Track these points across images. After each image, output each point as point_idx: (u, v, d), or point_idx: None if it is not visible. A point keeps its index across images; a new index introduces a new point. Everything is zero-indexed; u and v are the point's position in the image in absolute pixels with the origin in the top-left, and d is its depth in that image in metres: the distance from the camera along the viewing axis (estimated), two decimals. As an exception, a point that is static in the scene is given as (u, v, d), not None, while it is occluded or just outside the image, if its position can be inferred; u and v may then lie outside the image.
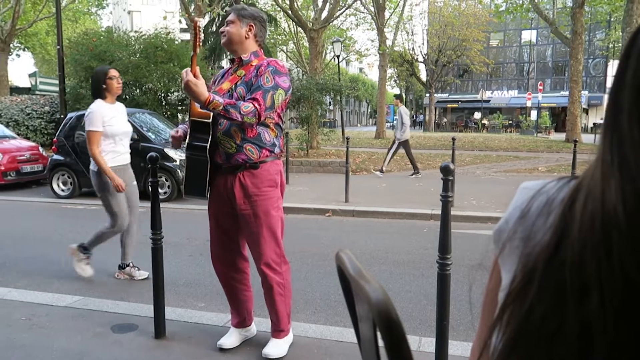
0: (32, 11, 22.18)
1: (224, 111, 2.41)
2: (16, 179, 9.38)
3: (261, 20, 2.72)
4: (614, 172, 0.51)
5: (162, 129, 8.96)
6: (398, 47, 35.87)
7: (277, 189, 2.68)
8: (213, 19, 21.55)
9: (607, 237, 0.49)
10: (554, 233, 0.55)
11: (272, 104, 2.52)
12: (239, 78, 2.64)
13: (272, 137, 2.64)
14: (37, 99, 14.79)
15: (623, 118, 0.53)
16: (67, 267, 4.56)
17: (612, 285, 0.48)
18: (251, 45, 2.68)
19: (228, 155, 2.59)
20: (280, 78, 2.57)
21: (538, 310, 0.52)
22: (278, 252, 2.69)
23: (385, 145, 19.56)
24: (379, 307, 0.54)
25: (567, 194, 0.58)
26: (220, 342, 2.84)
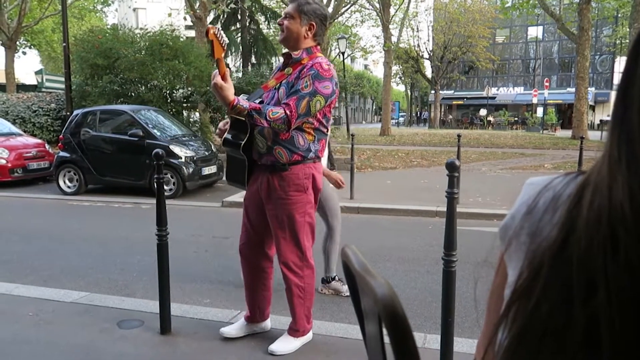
0: (38, 9, 22.28)
1: (248, 117, 2.37)
2: (23, 176, 9.42)
3: (323, 17, 2.54)
4: (622, 169, 0.51)
5: (167, 126, 8.99)
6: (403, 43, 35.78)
7: (305, 194, 2.58)
8: (218, 15, 21.53)
9: (614, 233, 0.49)
10: (561, 229, 0.55)
11: (307, 111, 2.41)
12: (285, 76, 2.53)
13: (307, 142, 2.52)
14: (44, 96, 14.85)
15: (632, 114, 0.52)
16: (73, 263, 4.59)
17: (618, 281, 0.48)
18: (308, 43, 2.53)
19: (259, 154, 2.55)
20: (321, 83, 2.42)
21: (544, 306, 0.52)
22: (300, 256, 2.64)
23: (390, 142, 19.54)
24: (384, 302, 0.54)
25: (573, 190, 0.57)
26: (222, 330, 2.87)
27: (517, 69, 48.21)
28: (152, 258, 3.77)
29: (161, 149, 3.12)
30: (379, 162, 12.13)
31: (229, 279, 4.14)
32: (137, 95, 12.12)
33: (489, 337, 0.64)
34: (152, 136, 8.11)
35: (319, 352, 2.78)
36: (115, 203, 7.70)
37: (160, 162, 2.92)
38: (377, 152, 14.48)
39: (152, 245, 3.24)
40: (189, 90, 12.54)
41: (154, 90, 12.18)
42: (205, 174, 8.40)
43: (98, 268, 4.45)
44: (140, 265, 4.52)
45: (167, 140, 8.23)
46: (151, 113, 9.09)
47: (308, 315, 2.78)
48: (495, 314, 0.69)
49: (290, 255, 2.63)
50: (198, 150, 8.50)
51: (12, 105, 13.82)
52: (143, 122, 8.31)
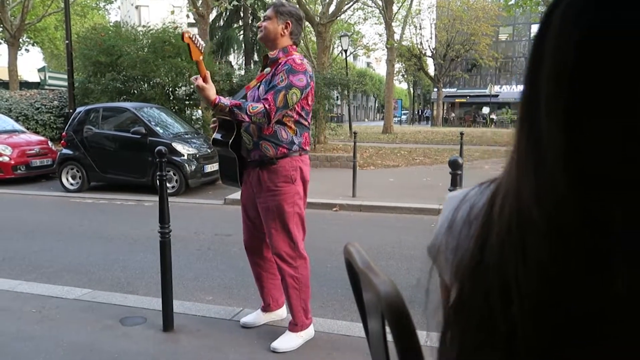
0: (41, 6, 22.30)
1: (230, 113, 2.52)
2: (26, 173, 9.45)
3: (298, 18, 2.74)
4: (529, 173, 0.50)
5: (170, 124, 8.99)
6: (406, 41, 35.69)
7: (293, 185, 2.70)
8: (220, 13, 21.52)
9: (523, 237, 0.49)
10: (477, 240, 0.54)
11: (284, 104, 2.55)
12: (265, 76, 2.70)
13: (290, 135, 2.67)
14: (46, 94, 14.89)
15: (540, 113, 0.49)
16: (76, 260, 4.60)
17: (528, 286, 0.47)
18: (285, 42, 2.71)
19: (247, 150, 2.71)
20: (296, 77, 2.57)
21: (473, 319, 0.52)
22: (292, 245, 2.73)
23: (393, 140, 19.52)
24: (388, 300, 0.54)
25: (487, 198, 0.57)
26: (242, 320, 3.02)
27: (520, 67, 48.04)
28: (154, 255, 3.78)
29: (163, 146, 3.12)
30: (382, 160, 12.12)
31: (231, 276, 4.15)
32: (139, 93, 12.12)
33: None
34: (154, 134, 8.11)
35: (320, 349, 2.78)
36: (117, 200, 7.71)
37: (162, 159, 2.92)
38: (380, 150, 14.47)
39: (154, 243, 3.25)
40: (191, 87, 12.53)
41: (157, 88, 12.19)
42: (207, 171, 8.40)
43: (101, 265, 4.46)
44: (143, 262, 4.53)
45: (170, 137, 8.24)
46: (154, 110, 9.10)
47: (305, 309, 2.82)
48: None
49: (282, 245, 2.72)
50: (200, 148, 8.50)
51: (15, 102, 13.85)
52: (145, 119, 8.32)
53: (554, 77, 0.48)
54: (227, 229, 5.66)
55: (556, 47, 0.48)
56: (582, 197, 0.46)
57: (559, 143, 0.47)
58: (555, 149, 0.48)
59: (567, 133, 0.47)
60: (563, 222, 0.47)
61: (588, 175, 0.46)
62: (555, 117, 0.48)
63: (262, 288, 3.01)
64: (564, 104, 0.47)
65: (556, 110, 0.48)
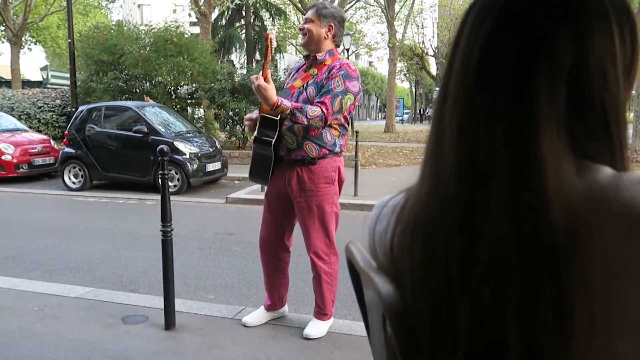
0: (44, 5, 22.32)
1: (291, 115, 2.53)
2: (28, 172, 9.47)
3: (341, 20, 2.72)
4: (424, 178, 0.53)
5: (172, 122, 9.00)
6: (408, 40, 35.61)
7: (333, 185, 2.78)
8: (223, 12, 21.53)
9: (413, 240, 0.52)
10: (389, 240, 0.58)
11: (339, 109, 2.59)
12: (311, 77, 2.69)
13: (333, 137, 2.71)
14: (49, 92, 14.91)
15: (445, 110, 0.51)
16: (78, 259, 4.61)
17: (414, 282, 0.51)
18: (328, 45, 2.71)
19: (289, 150, 2.71)
20: (351, 82, 2.61)
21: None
22: (328, 243, 2.81)
23: (394, 139, 19.49)
24: (389, 300, 0.54)
25: (401, 199, 0.60)
26: (244, 319, 3.00)
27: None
28: (156, 254, 3.78)
29: (166, 145, 3.13)
30: (383, 159, 12.11)
31: (233, 274, 4.15)
32: (141, 92, 12.13)
33: None
34: (156, 132, 8.12)
35: (322, 348, 2.78)
36: (119, 199, 7.73)
37: (164, 158, 2.93)
38: (382, 149, 14.46)
39: (156, 241, 3.26)
40: (193, 86, 12.55)
41: (159, 87, 12.21)
42: (209, 170, 8.41)
43: (103, 264, 4.47)
44: (145, 260, 4.54)
45: (172, 136, 8.25)
46: (156, 109, 9.11)
47: (334, 300, 2.96)
48: None
49: (319, 244, 2.79)
50: (202, 147, 8.51)
51: (17, 101, 13.88)
52: (148, 118, 8.32)
53: (459, 76, 0.50)
54: (229, 227, 5.67)
55: (465, 45, 0.51)
56: (464, 195, 0.48)
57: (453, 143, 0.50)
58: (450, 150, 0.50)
59: (461, 135, 0.49)
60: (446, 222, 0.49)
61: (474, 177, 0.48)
62: (456, 117, 0.50)
63: (272, 287, 3.01)
64: (464, 104, 0.49)
65: (462, 105, 0.50)
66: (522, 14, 0.48)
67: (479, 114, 0.48)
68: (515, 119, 0.46)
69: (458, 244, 0.47)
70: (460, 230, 0.47)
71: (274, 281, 3.00)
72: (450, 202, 0.48)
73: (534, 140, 0.45)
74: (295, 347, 2.79)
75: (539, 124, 0.45)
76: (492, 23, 0.49)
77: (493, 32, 0.49)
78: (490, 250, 0.45)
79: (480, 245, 0.46)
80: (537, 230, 0.44)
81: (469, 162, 0.48)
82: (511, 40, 0.48)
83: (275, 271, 2.97)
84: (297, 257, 2.97)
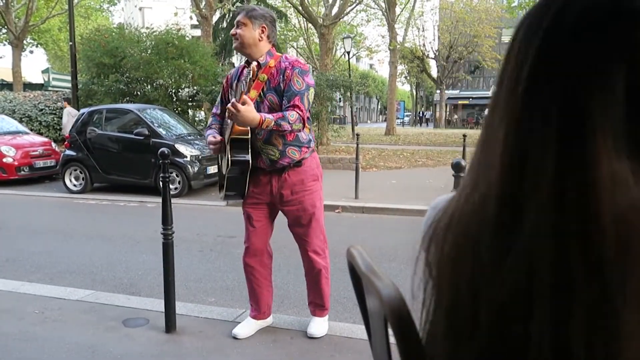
0: (45, 8, 22.38)
1: (276, 126, 2.52)
2: (29, 174, 9.48)
3: (272, 20, 2.72)
4: (468, 181, 0.52)
5: (173, 125, 9.01)
6: (409, 43, 35.65)
7: (319, 182, 2.85)
8: (224, 15, 21.56)
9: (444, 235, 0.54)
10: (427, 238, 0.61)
11: (308, 104, 2.65)
12: (263, 84, 2.66)
13: (307, 134, 2.76)
14: (50, 95, 14.95)
15: (494, 120, 0.51)
16: (79, 262, 4.61)
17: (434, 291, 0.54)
18: (265, 46, 2.69)
19: (272, 161, 2.69)
20: (307, 77, 2.65)
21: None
22: (321, 238, 2.87)
23: (395, 141, 19.50)
24: (390, 304, 0.54)
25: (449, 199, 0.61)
26: (234, 332, 2.91)
27: (523, 69, 47.96)
28: (157, 257, 3.78)
29: (167, 147, 3.13)
30: (384, 162, 12.11)
31: (234, 277, 4.15)
32: (142, 94, 12.16)
33: None
34: (157, 135, 8.13)
35: (323, 352, 2.78)
36: (120, 201, 7.73)
37: (166, 161, 2.93)
38: (382, 152, 14.46)
39: (157, 244, 3.26)
40: (194, 89, 12.57)
41: (160, 89, 12.22)
42: (210, 172, 8.41)
43: (104, 266, 4.47)
44: (146, 263, 4.54)
45: (173, 139, 8.25)
46: (157, 112, 9.12)
47: (329, 292, 2.99)
48: None
49: (317, 241, 2.84)
50: (203, 149, 8.51)
51: (19, 103, 13.91)
52: (149, 121, 8.33)
53: (508, 95, 0.50)
54: (230, 230, 5.67)
55: (518, 52, 0.51)
56: (514, 194, 0.47)
57: (502, 145, 0.49)
58: (500, 152, 0.49)
59: (511, 137, 0.49)
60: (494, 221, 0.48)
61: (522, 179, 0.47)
62: (506, 122, 0.49)
63: (262, 296, 2.96)
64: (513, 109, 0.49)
65: (509, 114, 0.49)
66: (570, 35, 0.47)
67: (528, 137, 0.47)
68: (565, 142, 0.45)
69: (492, 236, 0.47)
70: (497, 224, 0.47)
71: (263, 291, 2.96)
72: (490, 199, 0.48)
73: (588, 155, 0.44)
74: (296, 350, 2.79)
75: (593, 144, 0.44)
76: (539, 43, 0.48)
77: (541, 53, 0.48)
78: (527, 243, 0.45)
79: (517, 237, 0.45)
80: (583, 230, 0.43)
81: (516, 162, 0.48)
82: (560, 61, 0.47)
83: (265, 279, 2.95)
84: (297, 259, 2.96)
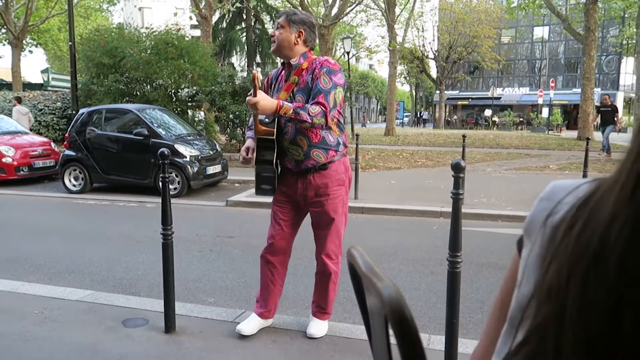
0: (45, 8, 22.40)
1: (295, 114, 2.54)
2: (29, 174, 9.48)
3: (311, 25, 2.76)
4: (631, 207, 0.45)
5: (172, 125, 9.01)
6: (408, 43, 35.69)
7: (344, 187, 2.82)
8: (223, 15, 21.56)
9: (589, 270, 0.46)
10: (554, 253, 0.51)
11: (334, 104, 2.62)
12: (294, 85, 2.71)
13: (335, 137, 2.74)
14: (50, 95, 14.94)
15: None
16: (78, 262, 4.61)
17: (579, 322, 0.45)
18: (300, 49, 2.73)
19: (297, 162, 2.73)
20: (336, 76, 2.65)
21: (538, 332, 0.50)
22: (337, 244, 2.88)
23: (395, 142, 19.51)
24: (391, 304, 0.54)
25: (570, 212, 0.53)
26: (239, 328, 2.92)
27: (522, 70, 48.03)
28: (156, 257, 3.78)
29: (166, 148, 3.13)
30: (384, 162, 12.12)
31: (233, 277, 4.15)
32: (142, 94, 12.16)
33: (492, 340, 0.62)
34: (157, 135, 8.13)
35: (323, 352, 2.78)
36: (120, 202, 7.73)
37: (165, 161, 2.93)
38: (382, 152, 14.47)
39: (156, 244, 3.26)
40: (194, 89, 12.57)
41: (159, 90, 12.22)
42: (209, 173, 8.41)
43: (103, 267, 4.47)
44: (145, 264, 4.53)
45: (172, 139, 8.25)
46: (156, 112, 9.11)
47: (334, 299, 3.01)
48: (506, 308, 0.66)
49: (332, 246, 2.85)
50: (203, 150, 8.52)
51: (18, 103, 13.88)
52: (148, 121, 8.33)
53: None
54: (229, 230, 5.67)
55: None
56: None
57: None
58: None
59: None
60: None
61: None
62: None
63: (272, 295, 2.96)
64: None
65: None
66: None
67: None
68: None
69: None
70: None
71: (276, 289, 2.98)
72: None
73: None
74: (296, 350, 2.79)
75: None
76: None
77: None
78: None
79: None
80: None
81: None
82: None
83: (280, 279, 2.98)
84: (296, 260, 2.96)
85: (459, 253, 2.46)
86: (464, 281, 2.74)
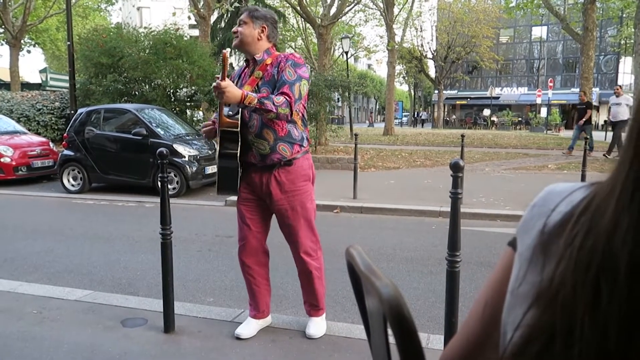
0: (43, 7, 22.35)
1: (259, 104, 2.52)
2: (27, 174, 9.46)
3: (273, 21, 2.80)
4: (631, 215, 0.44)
5: (171, 125, 9.00)
6: (407, 43, 35.71)
7: (310, 182, 2.84)
8: (222, 15, 21.53)
9: (599, 283, 0.44)
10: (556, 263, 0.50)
11: (299, 95, 2.64)
12: (258, 79, 2.73)
13: (300, 132, 2.77)
14: (48, 95, 14.90)
15: None
16: (77, 262, 4.61)
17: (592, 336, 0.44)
18: (263, 45, 2.75)
19: (262, 156, 2.72)
20: (301, 69, 2.68)
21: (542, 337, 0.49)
22: (314, 239, 2.87)
23: (393, 142, 19.51)
24: (390, 304, 0.54)
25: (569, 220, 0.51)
26: (237, 332, 2.91)
27: (521, 69, 48.07)
28: (155, 256, 3.78)
29: (165, 147, 3.13)
30: (382, 162, 12.12)
31: (232, 277, 4.15)
32: (141, 94, 12.14)
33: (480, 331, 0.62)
34: (155, 135, 8.13)
35: (321, 352, 2.78)
36: (118, 201, 7.72)
37: (164, 161, 2.93)
38: (381, 152, 14.47)
39: (155, 244, 3.26)
40: (192, 89, 12.56)
41: (158, 89, 12.21)
42: (208, 172, 8.41)
43: (102, 266, 4.46)
44: (144, 263, 4.53)
45: (171, 139, 8.25)
46: (155, 112, 9.11)
47: (324, 293, 3.00)
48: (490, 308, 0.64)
49: (308, 242, 2.84)
50: (201, 149, 8.51)
51: (16, 103, 13.86)
52: (147, 121, 8.33)
53: None
54: (228, 230, 5.67)
55: None
56: None
57: None
58: None
59: None
60: None
61: None
62: None
63: (260, 295, 2.97)
64: None
65: None
66: None
67: None
68: None
69: None
70: None
71: (261, 290, 2.97)
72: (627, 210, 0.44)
73: None
74: (295, 350, 2.79)
75: None
76: None
77: None
78: None
79: None
80: None
81: None
82: None
83: (262, 278, 2.96)
84: (293, 260, 2.96)
85: (458, 252, 2.47)
86: (463, 280, 2.74)
